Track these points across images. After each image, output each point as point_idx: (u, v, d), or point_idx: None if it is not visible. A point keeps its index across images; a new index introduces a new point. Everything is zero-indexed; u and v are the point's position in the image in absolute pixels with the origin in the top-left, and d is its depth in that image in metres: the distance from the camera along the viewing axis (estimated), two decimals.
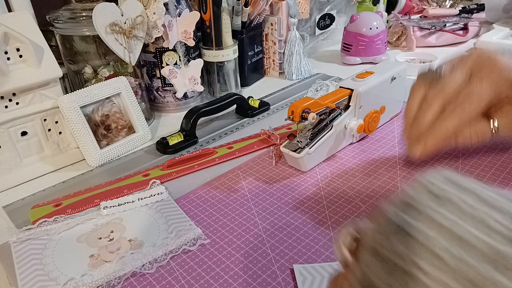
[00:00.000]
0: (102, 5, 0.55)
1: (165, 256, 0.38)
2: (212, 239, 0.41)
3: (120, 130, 0.60)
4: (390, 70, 0.56)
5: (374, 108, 0.55)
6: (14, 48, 0.50)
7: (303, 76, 0.83)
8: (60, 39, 0.62)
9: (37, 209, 0.46)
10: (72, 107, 0.53)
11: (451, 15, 0.99)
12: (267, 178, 0.50)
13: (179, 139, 0.59)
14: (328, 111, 0.52)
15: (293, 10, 0.80)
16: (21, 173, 0.53)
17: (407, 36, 0.96)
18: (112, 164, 0.56)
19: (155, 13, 0.61)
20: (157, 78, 0.70)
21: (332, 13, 0.95)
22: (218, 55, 0.73)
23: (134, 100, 0.60)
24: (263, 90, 0.79)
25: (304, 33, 0.88)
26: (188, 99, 0.73)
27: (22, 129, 0.53)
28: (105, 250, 0.39)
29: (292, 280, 0.35)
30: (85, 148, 0.55)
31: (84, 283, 0.35)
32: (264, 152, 0.56)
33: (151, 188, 0.49)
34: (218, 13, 0.70)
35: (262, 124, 0.64)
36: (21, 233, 0.42)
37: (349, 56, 0.89)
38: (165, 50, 0.67)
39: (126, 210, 0.45)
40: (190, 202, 0.47)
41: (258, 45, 0.81)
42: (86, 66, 0.63)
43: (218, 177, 0.51)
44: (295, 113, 0.47)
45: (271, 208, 0.44)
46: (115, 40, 0.57)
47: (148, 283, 0.36)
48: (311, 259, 0.37)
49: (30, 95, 0.52)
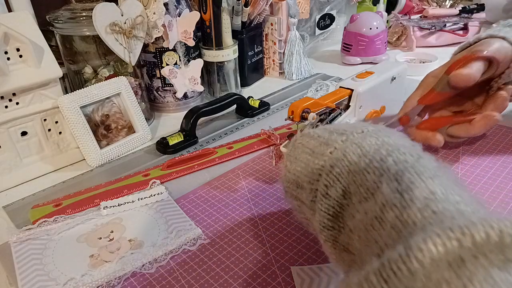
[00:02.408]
0: (102, 5, 0.55)
1: (165, 256, 0.38)
2: (212, 239, 0.41)
3: (120, 130, 0.60)
4: (390, 70, 0.56)
5: (374, 108, 0.55)
6: (14, 48, 0.50)
7: (303, 76, 0.83)
8: (60, 39, 0.62)
9: (37, 209, 0.46)
10: (72, 107, 0.53)
11: (451, 15, 0.99)
12: (267, 178, 0.50)
13: (179, 139, 0.59)
14: (328, 111, 0.52)
15: (293, 10, 0.80)
16: (21, 173, 0.53)
17: (407, 36, 0.96)
18: (112, 164, 0.56)
19: (155, 13, 0.61)
20: (157, 78, 0.70)
21: (332, 13, 0.95)
22: (218, 55, 0.73)
23: (134, 100, 0.60)
24: (263, 90, 0.79)
25: (304, 33, 0.88)
26: (188, 99, 0.73)
27: (22, 129, 0.53)
28: (105, 250, 0.39)
29: (292, 280, 0.35)
30: (85, 148, 0.55)
31: (84, 283, 0.35)
32: (264, 152, 0.56)
33: (151, 188, 0.49)
34: (218, 13, 0.70)
35: (262, 124, 0.64)
36: (21, 233, 0.42)
37: (349, 56, 0.89)
38: (165, 50, 0.67)
39: (126, 210, 0.45)
40: (190, 202, 0.47)
41: (258, 45, 0.81)
42: (86, 66, 0.63)
43: (218, 177, 0.51)
44: (295, 113, 0.47)
45: (271, 208, 0.44)
46: (115, 40, 0.57)
47: (148, 283, 0.36)
48: (311, 259, 0.37)
49: (30, 95, 0.52)
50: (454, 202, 0.21)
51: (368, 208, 0.24)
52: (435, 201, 0.21)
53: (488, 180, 0.46)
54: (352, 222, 0.25)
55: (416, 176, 0.23)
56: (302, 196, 0.31)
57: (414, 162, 0.25)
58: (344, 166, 0.27)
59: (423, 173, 0.24)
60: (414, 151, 0.26)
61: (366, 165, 0.26)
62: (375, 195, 0.24)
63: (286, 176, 0.32)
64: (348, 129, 0.30)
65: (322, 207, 0.27)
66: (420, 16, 1.01)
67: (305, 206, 0.31)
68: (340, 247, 0.27)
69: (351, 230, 0.25)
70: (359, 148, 0.27)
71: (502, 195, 0.44)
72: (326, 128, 0.32)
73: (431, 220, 0.20)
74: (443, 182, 0.23)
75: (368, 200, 0.24)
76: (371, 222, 0.23)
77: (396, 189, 0.23)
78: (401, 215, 0.21)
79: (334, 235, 0.27)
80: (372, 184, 0.25)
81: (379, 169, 0.25)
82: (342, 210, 0.26)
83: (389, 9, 1.05)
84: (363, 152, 0.27)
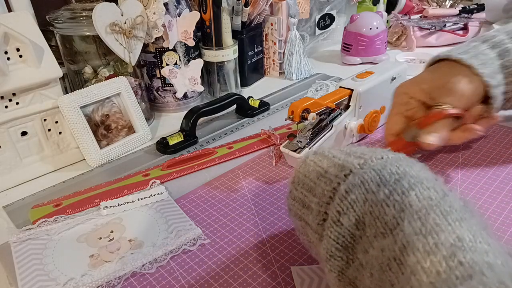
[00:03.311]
0: (102, 5, 0.55)
1: (165, 256, 0.38)
2: (212, 239, 0.41)
3: (120, 130, 0.60)
4: (390, 70, 0.56)
5: (374, 108, 0.55)
6: (14, 48, 0.50)
7: (303, 76, 0.83)
8: (60, 39, 0.62)
9: (37, 209, 0.46)
10: (72, 107, 0.53)
11: (451, 15, 0.99)
12: (267, 178, 0.50)
13: (179, 139, 0.59)
14: (328, 111, 0.52)
15: (293, 10, 0.80)
16: (21, 173, 0.53)
17: (407, 36, 0.96)
18: (112, 164, 0.56)
19: (155, 13, 0.61)
20: (157, 78, 0.70)
21: (332, 13, 0.95)
22: (218, 55, 0.73)
23: (134, 100, 0.60)
24: (263, 90, 0.79)
25: (304, 33, 0.88)
26: (188, 99, 0.73)
27: (22, 129, 0.53)
28: (105, 250, 0.39)
29: (292, 280, 0.35)
30: (85, 148, 0.55)
31: (84, 283, 0.35)
32: (264, 152, 0.56)
33: (151, 188, 0.49)
34: (218, 13, 0.70)
35: (262, 124, 0.64)
36: (21, 233, 0.42)
37: (349, 56, 0.89)
38: (165, 50, 0.67)
39: (126, 210, 0.45)
40: (190, 202, 0.47)
41: (258, 45, 0.81)
42: (86, 66, 0.63)
43: (218, 177, 0.51)
44: (295, 113, 0.47)
45: (271, 208, 0.44)
46: (115, 40, 0.57)
47: (148, 283, 0.36)
48: (311, 259, 0.37)
49: (30, 95, 0.52)
50: (483, 252, 0.20)
51: (385, 246, 0.22)
52: (463, 250, 0.20)
53: (488, 180, 0.46)
54: (364, 257, 0.24)
55: (442, 218, 0.22)
56: (308, 217, 0.29)
57: (439, 200, 0.23)
58: (360, 193, 0.25)
59: (449, 214, 0.22)
60: (438, 187, 0.24)
61: (386, 197, 0.24)
62: (393, 233, 0.22)
63: (292, 194, 0.31)
64: (366, 153, 0.28)
65: (331, 235, 0.25)
66: (420, 16, 1.01)
67: (310, 228, 0.29)
68: (346, 280, 0.25)
69: (362, 265, 0.24)
70: (378, 176, 0.25)
71: (502, 195, 0.44)
72: (342, 149, 0.30)
73: (457, 273, 0.19)
74: (471, 226, 0.22)
75: (386, 236, 0.22)
76: (388, 263, 0.21)
77: (420, 230, 0.21)
78: (424, 261, 0.20)
79: (341, 267, 0.25)
80: (392, 219, 0.23)
81: (400, 203, 0.23)
82: (354, 242, 0.25)
83: (389, 9, 1.05)
84: (382, 181, 0.25)
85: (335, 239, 0.25)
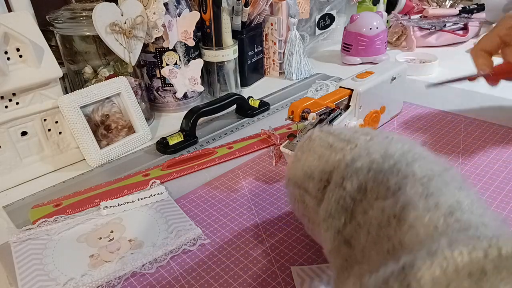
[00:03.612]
0: (102, 5, 0.55)
1: (165, 256, 0.38)
2: (212, 239, 0.41)
3: (120, 130, 0.60)
4: (390, 70, 0.56)
5: (374, 108, 0.55)
6: (14, 48, 0.50)
7: (303, 76, 0.83)
8: (60, 39, 0.62)
9: (37, 209, 0.46)
10: (72, 107, 0.53)
11: (451, 15, 0.99)
12: (267, 178, 0.50)
13: (179, 139, 0.59)
14: (328, 111, 0.52)
15: (293, 10, 0.80)
16: (21, 173, 0.53)
17: (407, 36, 0.96)
18: (112, 164, 0.56)
19: (155, 13, 0.61)
20: (157, 78, 0.70)
21: (332, 13, 0.95)
22: (218, 55, 0.73)
23: (134, 100, 0.60)
24: (263, 90, 0.79)
25: (304, 33, 0.88)
26: (188, 99, 0.73)
27: (22, 129, 0.53)
28: (105, 250, 0.39)
29: (292, 280, 0.35)
30: (85, 148, 0.55)
31: (84, 283, 0.35)
32: (264, 152, 0.56)
33: (151, 188, 0.49)
34: (218, 13, 0.70)
35: (262, 124, 0.64)
36: (21, 233, 0.42)
37: (349, 56, 0.89)
38: (165, 50, 0.67)
39: (126, 210, 0.45)
40: (190, 202, 0.47)
41: (258, 45, 0.81)
42: (86, 66, 0.63)
43: (218, 177, 0.51)
44: (295, 113, 0.47)
45: (271, 208, 0.44)
46: (115, 40, 0.57)
47: (148, 283, 0.36)
48: (311, 259, 0.37)
49: (30, 95, 0.52)
50: (479, 215, 0.21)
51: (386, 206, 0.23)
52: (461, 211, 0.21)
53: (488, 180, 0.46)
54: (362, 217, 0.25)
55: (444, 185, 0.23)
56: (308, 185, 0.30)
57: (442, 172, 0.24)
58: (365, 162, 0.26)
59: (450, 183, 0.23)
60: (441, 163, 0.26)
61: (390, 167, 0.25)
62: (396, 195, 0.23)
63: (294, 165, 0.32)
64: (372, 132, 0.29)
65: (333, 196, 0.27)
66: (420, 16, 1.01)
67: (308, 195, 0.30)
68: (340, 239, 0.27)
69: (359, 225, 0.25)
70: (384, 150, 0.27)
71: (502, 195, 0.44)
72: (349, 129, 0.31)
73: (454, 227, 0.20)
74: (470, 195, 0.23)
75: (387, 199, 0.24)
76: (388, 219, 0.22)
77: (422, 193, 0.22)
78: (423, 217, 0.21)
79: (338, 226, 0.27)
80: (394, 185, 0.24)
81: (404, 172, 0.24)
82: (354, 204, 0.26)
83: (389, 9, 1.05)
84: (387, 154, 0.26)
85: (336, 201, 0.27)
